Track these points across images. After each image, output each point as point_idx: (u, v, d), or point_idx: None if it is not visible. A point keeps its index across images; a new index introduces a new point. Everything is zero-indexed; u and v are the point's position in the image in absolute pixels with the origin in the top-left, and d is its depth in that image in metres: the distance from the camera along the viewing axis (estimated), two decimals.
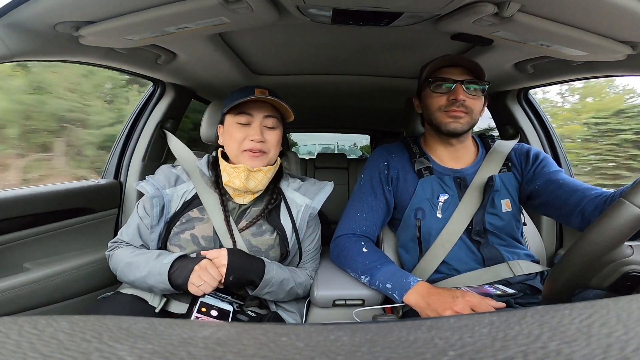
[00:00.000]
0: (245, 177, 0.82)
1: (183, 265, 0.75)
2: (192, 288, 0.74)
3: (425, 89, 0.90)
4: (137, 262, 0.79)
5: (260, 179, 0.85)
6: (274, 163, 0.89)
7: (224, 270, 0.75)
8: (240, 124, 0.85)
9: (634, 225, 0.49)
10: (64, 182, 1.16)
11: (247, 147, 0.83)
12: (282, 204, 0.90)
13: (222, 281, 0.76)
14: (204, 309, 0.76)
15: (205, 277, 0.73)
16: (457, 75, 0.85)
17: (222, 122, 0.91)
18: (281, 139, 0.90)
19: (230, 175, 0.84)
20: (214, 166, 0.90)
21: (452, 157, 0.94)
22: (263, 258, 0.83)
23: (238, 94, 0.84)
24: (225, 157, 0.89)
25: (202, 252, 0.80)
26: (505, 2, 0.64)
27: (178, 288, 0.75)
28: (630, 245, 0.53)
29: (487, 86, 0.87)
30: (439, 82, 0.86)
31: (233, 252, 0.78)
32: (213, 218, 0.84)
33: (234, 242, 0.83)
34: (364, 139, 5.93)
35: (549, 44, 0.80)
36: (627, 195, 0.50)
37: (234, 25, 0.77)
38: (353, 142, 7.47)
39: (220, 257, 0.77)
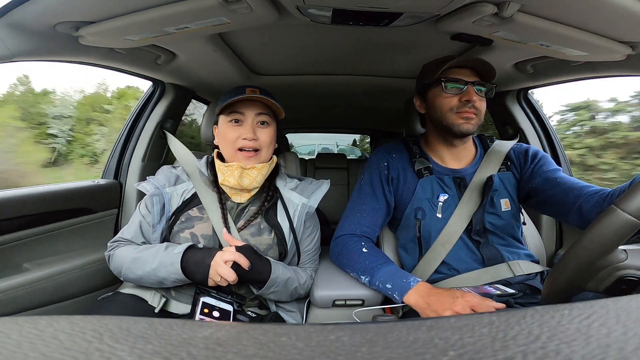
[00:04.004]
0: (238, 175, 0.83)
1: (198, 261, 0.76)
2: (211, 282, 0.76)
3: (434, 89, 0.89)
4: (145, 256, 0.79)
5: (255, 176, 0.85)
6: (269, 160, 0.90)
7: (229, 264, 0.75)
8: (233, 123, 0.86)
9: (624, 232, 0.49)
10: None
11: (240, 146, 0.84)
12: (279, 204, 0.91)
13: (234, 279, 0.75)
14: (206, 310, 0.76)
15: (221, 272, 0.74)
16: (467, 76, 0.86)
17: (216, 122, 0.92)
18: (275, 136, 0.90)
19: (225, 174, 0.84)
20: (212, 166, 0.91)
21: (453, 157, 0.94)
22: (269, 258, 0.83)
23: (230, 95, 0.85)
24: (221, 158, 0.90)
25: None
26: (505, 2, 0.64)
27: (195, 281, 0.77)
28: (625, 250, 0.53)
29: (494, 87, 0.88)
30: (451, 83, 0.86)
31: (243, 249, 0.78)
32: (212, 217, 0.84)
33: None
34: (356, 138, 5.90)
35: (548, 44, 0.80)
36: (618, 202, 0.50)
37: (233, 25, 0.77)
38: (352, 142, 7.45)
39: (226, 254, 0.76)
